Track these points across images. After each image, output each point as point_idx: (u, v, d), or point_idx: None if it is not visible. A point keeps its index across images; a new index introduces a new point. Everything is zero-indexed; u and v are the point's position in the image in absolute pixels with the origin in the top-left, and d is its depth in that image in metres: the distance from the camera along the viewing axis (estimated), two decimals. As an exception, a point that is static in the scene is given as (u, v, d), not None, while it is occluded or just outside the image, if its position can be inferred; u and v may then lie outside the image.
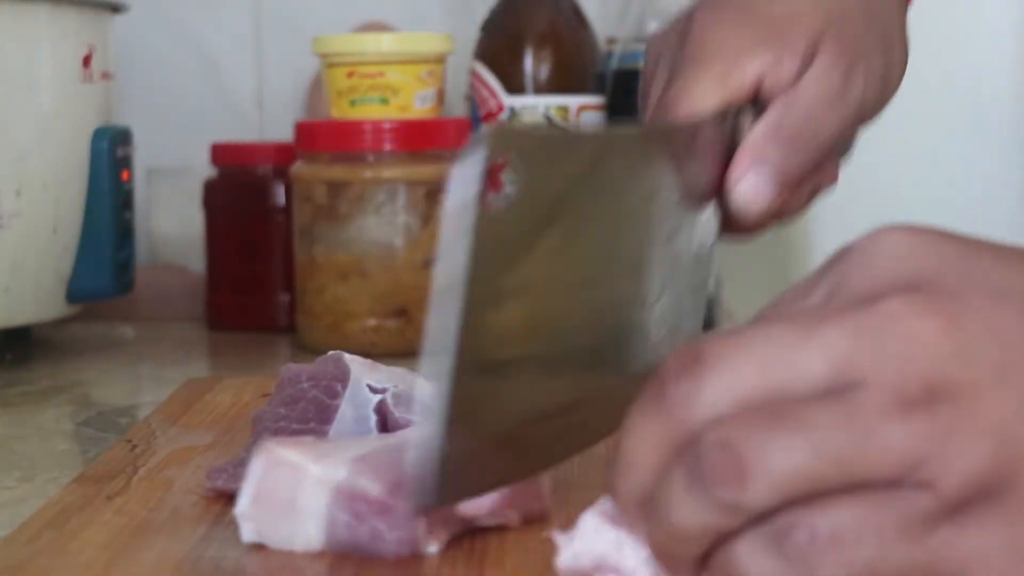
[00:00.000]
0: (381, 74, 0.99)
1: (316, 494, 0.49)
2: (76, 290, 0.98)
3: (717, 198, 0.61)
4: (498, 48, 1.07)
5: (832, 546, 0.38)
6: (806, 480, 0.38)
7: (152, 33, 1.28)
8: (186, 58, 1.30)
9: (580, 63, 1.07)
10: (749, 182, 0.61)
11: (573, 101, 1.06)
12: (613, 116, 1.09)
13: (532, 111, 1.06)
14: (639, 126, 0.62)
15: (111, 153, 0.98)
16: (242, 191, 1.10)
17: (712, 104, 0.60)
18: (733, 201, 0.61)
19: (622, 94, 1.09)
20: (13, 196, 0.93)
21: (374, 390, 0.60)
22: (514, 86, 1.06)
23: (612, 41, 1.12)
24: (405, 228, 0.98)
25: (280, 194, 1.09)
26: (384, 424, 0.59)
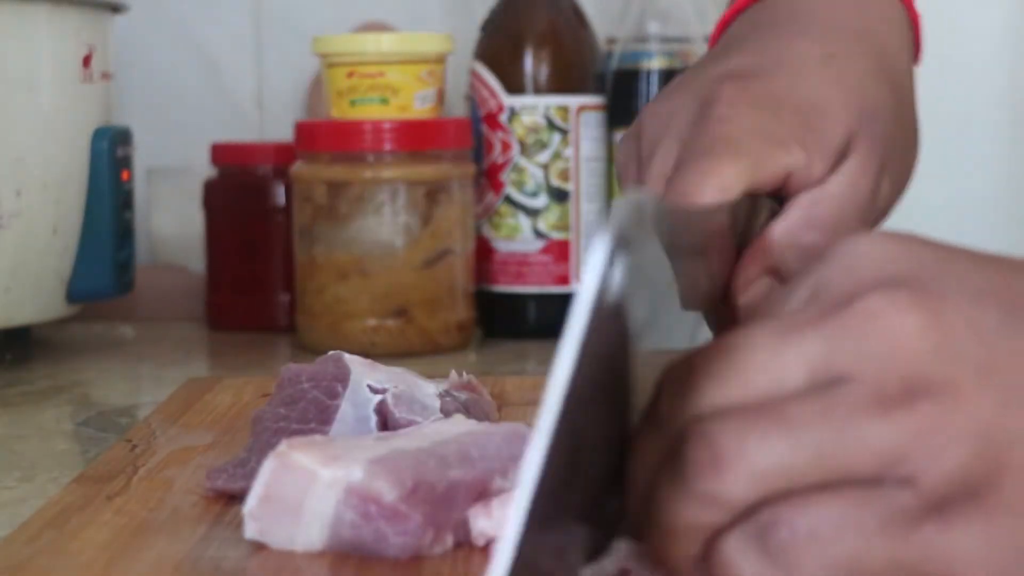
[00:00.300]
0: (381, 74, 0.99)
1: (326, 497, 0.49)
2: (76, 290, 0.98)
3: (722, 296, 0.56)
4: (498, 48, 1.07)
5: (812, 542, 0.38)
6: (785, 474, 0.39)
7: (152, 33, 1.28)
8: (186, 58, 1.30)
9: (580, 63, 1.07)
10: (761, 288, 0.57)
11: (573, 101, 1.06)
12: (613, 116, 1.09)
13: (532, 111, 1.06)
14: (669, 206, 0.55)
15: (111, 153, 0.98)
16: (242, 191, 1.11)
17: (739, 191, 0.56)
18: (741, 303, 0.57)
19: (622, 94, 1.09)
20: (13, 196, 0.93)
21: (374, 390, 0.60)
22: (514, 86, 1.06)
23: (612, 41, 1.12)
24: (405, 228, 0.98)
25: (280, 194, 1.09)
26: (384, 424, 0.59)
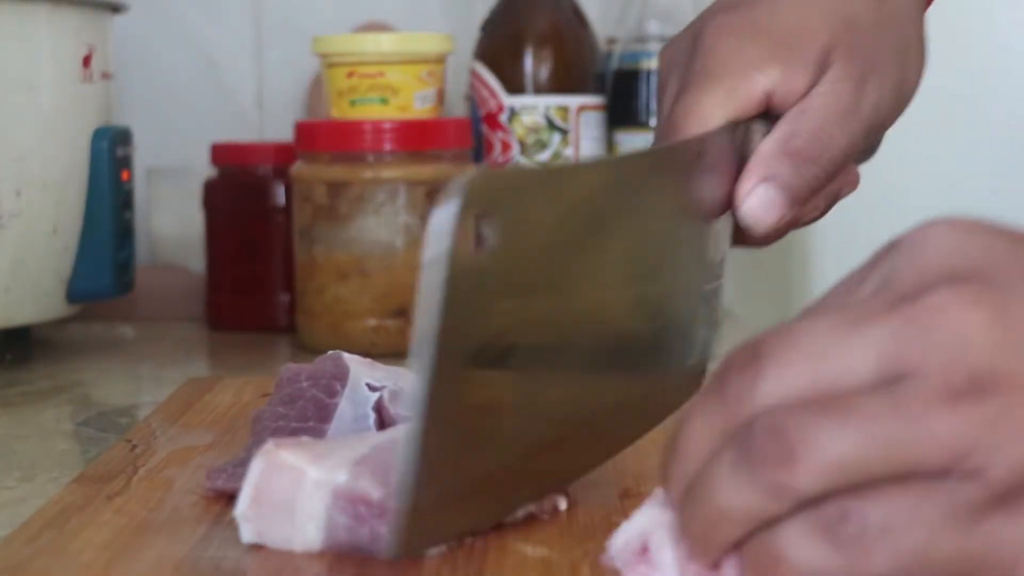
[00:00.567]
0: (381, 74, 0.99)
1: (315, 496, 0.49)
2: (76, 290, 0.98)
3: (730, 209, 0.60)
4: (498, 48, 1.07)
5: (883, 535, 0.39)
6: (855, 467, 0.39)
7: (152, 33, 1.28)
8: (186, 58, 1.30)
9: (580, 63, 1.07)
10: (757, 198, 0.60)
11: (573, 101, 1.06)
12: (613, 116, 1.09)
13: (532, 111, 1.06)
14: (643, 151, 0.62)
15: (111, 153, 0.98)
16: (242, 191, 1.10)
17: (721, 119, 0.60)
18: (742, 216, 0.60)
19: (622, 94, 1.09)
20: (13, 196, 0.93)
21: (373, 389, 0.60)
22: (514, 86, 1.06)
23: (612, 41, 1.12)
24: (405, 228, 0.98)
25: (280, 194, 1.09)
26: (382, 422, 0.59)
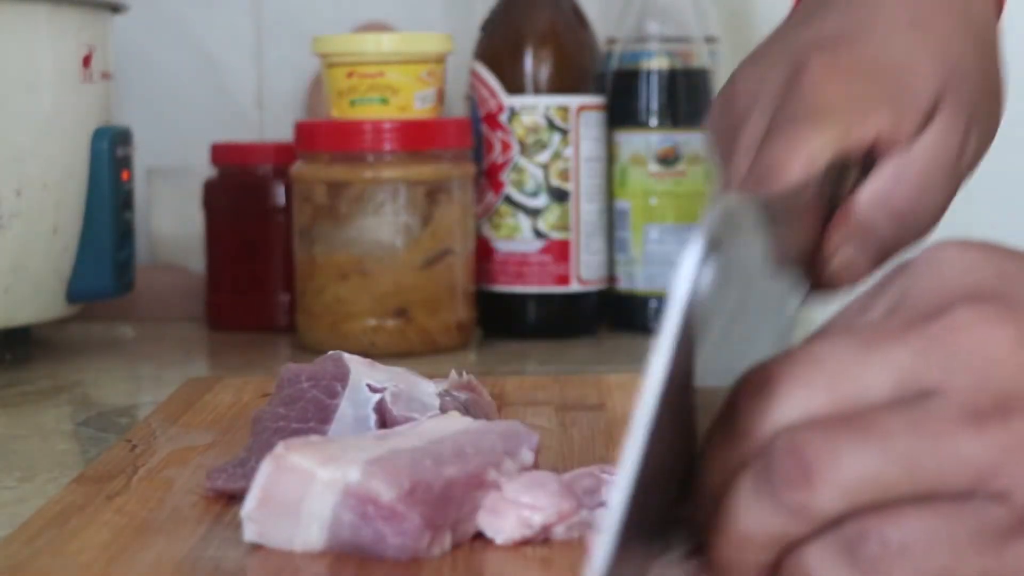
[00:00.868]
0: (381, 74, 0.99)
1: (323, 498, 0.49)
2: (76, 290, 0.98)
3: (809, 259, 0.56)
4: (498, 48, 1.07)
5: (903, 556, 0.38)
6: (875, 487, 0.38)
7: (152, 33, 1.27)
8: (186, 58, 1.30)
9: (580, 63, 1.07)
10: (849, 253, 0.57)
11: (573, 101, 1.06)
12: (613, 116, 1.09)
13: (532, 111, 1.06)
14: (767, 194, 0.55)
15: (111, 153, 0.98)
16: (242, 191, 1.11)
17: (827, 160, 0.55)
18: (831, 265, 0.57)
19: (622, 94, 1.09)
20: (13, 196, 0.93)
21: (373, 389, 0.60)
22: (514, 86, 1.06)
23: (612, 41, 1.12)
24: (405, 228, 0.98)
25: (280, 194, 1.09)
26: (383, 423, 0.59)
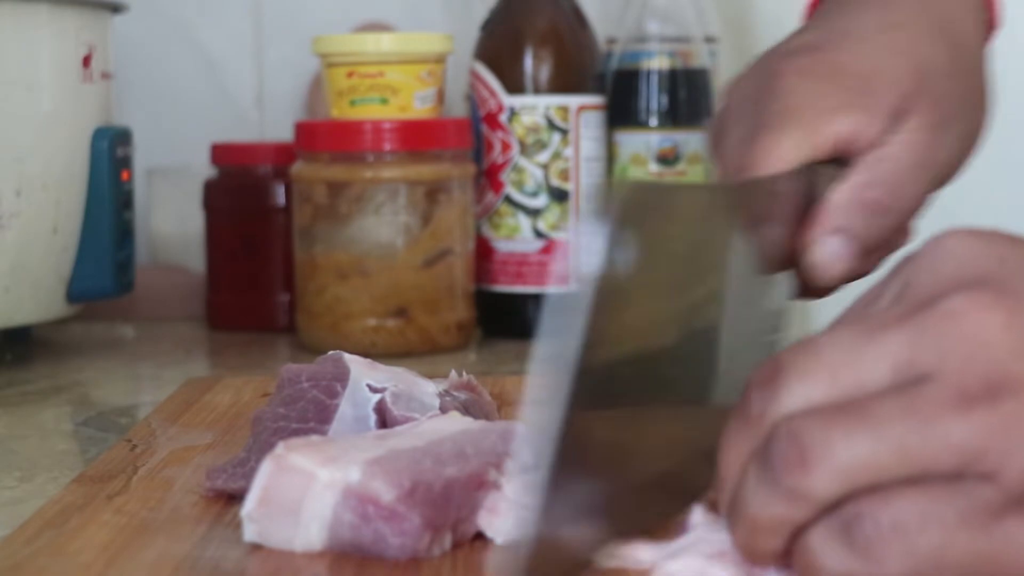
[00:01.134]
0: (381, 74, 0.99)
1: (324, 498, 0.49)
2: (76, 290, 0.98)
3: (793, 261, 0.58)
4: (498, 48, 1.07)
5: (896, 535, 0.40)
6: (869, 470, 0.40)
7: (152, 33, 1.28)
8: (186, 58, 1.30)
9: (580, 63, 1.07)
10: (827, 248, 0.58)
11: (573, 101, 1.06)
12: (613, 116, 1.09)
13: (532, 111, 1.06)
14: (728, 182, 0.59)
15: (111, 153, 0.98)
16: (242, 191, 1.11)
17: (797, 161, 0.58)
18: (808, 263, 0.58)
19: (622, 94, 1.09)
20: (13, 196, 0.93)
21: (373, 389, 0.60)
22: (514, 86, 1.06)
23: (612, 41, 1.12)
24: (405, 228, 0.98)
25: (280, 194, 1.09)
26: (383, 423, 0.59)
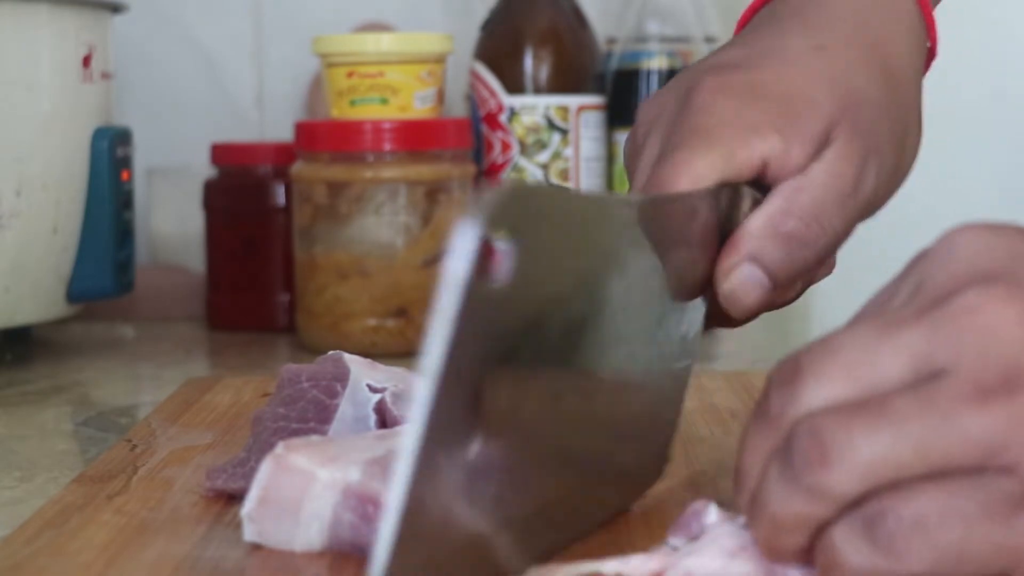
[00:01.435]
0: (381, 74, 0.99)
1: (324, 498, 0.49)
2: (76, 290, 0.98)
3: (706, 288, 0.56)
4: (498, 48, 1.07)
5: (918, 531, 0.40)
6: (889, 466, 0.40)
7: (152, 33, 1.28)
8: (186, 58, 1.30)
9: (580, 63, 1.07)
10: (741, 277, 0.55)
11: (573, 101, 1.06)
12: (613, 116, 1.09)
13: (532, 111, 1.06)
14: (636, 195, 0.56)
15: (111, 153, 0.98)
16: (242, 191, 1.10)
17: (711, 180, 0.55)
18: (721, 292, 0.56)
19: (622, 94, 1.09)
20: (13, 196, 0.93)
21: (373, 389, 0.59)
22: (514, 86, 1.06)
23: (612, 41, 1.12)
24: (405, 228, 0.98)
25: (280, 194, 1.09)
26: (383, 423, 0.59)
